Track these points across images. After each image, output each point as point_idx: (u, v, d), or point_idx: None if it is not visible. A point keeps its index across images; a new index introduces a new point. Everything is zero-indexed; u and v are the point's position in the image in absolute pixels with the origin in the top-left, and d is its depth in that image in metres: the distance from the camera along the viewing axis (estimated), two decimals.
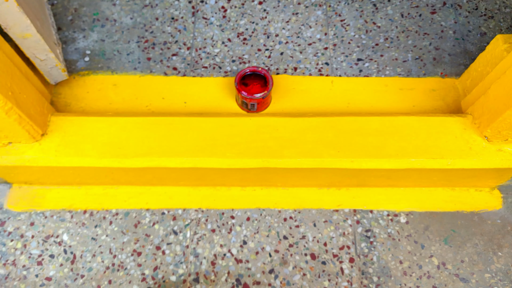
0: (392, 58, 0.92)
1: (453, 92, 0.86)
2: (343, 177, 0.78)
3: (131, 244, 0.78)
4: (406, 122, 0.75)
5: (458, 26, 0.96)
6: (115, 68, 0.89)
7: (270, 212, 0.81)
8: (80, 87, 0.86)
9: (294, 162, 0.72)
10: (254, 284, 0.75)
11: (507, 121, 0.67)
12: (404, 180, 0.79)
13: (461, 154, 0.72)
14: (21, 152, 0.71)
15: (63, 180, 0.79)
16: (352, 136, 0.73)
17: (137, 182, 0.80)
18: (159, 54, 0.90)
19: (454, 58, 0.92)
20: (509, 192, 0.83)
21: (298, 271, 0.76)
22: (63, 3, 0.96)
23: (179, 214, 0.80)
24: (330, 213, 0.81)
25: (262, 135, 0.73)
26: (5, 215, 0.79)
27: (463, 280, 0.76)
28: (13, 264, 0.76)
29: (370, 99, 0.85)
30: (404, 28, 0.95)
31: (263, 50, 0.92)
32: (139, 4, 0.97)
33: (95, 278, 0.75)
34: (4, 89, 0.61)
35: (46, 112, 0.73)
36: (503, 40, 0.72)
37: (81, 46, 0.91)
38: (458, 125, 0.75)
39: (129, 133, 0.73)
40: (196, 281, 0.75)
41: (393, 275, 0.76)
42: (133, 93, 0.85)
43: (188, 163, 0.72)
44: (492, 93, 0.69)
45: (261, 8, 0.97)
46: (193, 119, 0.75)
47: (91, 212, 0.80)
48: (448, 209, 0.82)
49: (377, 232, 0.79)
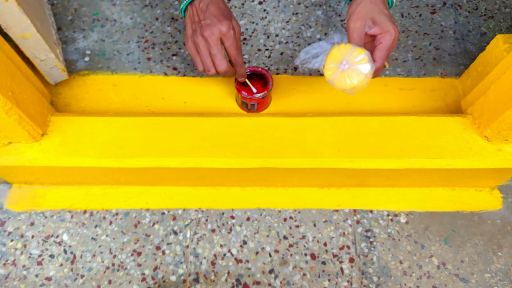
0: (392, 58, 0.92)
1: (453, 92, 0.87)
2: (343, 177, 0.78)
3: (131, 244, 0.78)
4: (406, 122, 0.75)
5: (458, 26, 0.96)
6: (115, 68, 0.89)
7: (270, 212, 0.81)
8: (80, 87, 0.86)
9: (294, 162, 0.72)
10: (254, 284, 0.75)
11: (507, 121, 0.67)
12: (404, 180, 0.79)
13: (461, 154, 0.72)
14: (21, 152, 0.71)
15: (63, 180, 0.79)
16: (352, 136, 0.73)
17: (137, 182, 0.80)
18: (159, 54, 0.90)
19: (454, 58, 0.92)
20: (509, 192, 0.83)
21: (298, 271, 0.76)
22: (63, 3, 0.96)
23: (179, 214, 0.80)
24: (330, 213, 0.81)
25: (262, 135, 0.73)
26: (5, 215, 0.79)
27: (463, 280, 0.76)
28: (13, 264, 0.76)
29: (370, 99, 0.85)
30: (404, 28, 0.95)
31: (263, 50, 0.92)
32: (139, 4, 0.97)
33: (95, 278, 0.75)
34: (4, 89, 0.61)
35: (46, 112, 0.73)
36: (503, 40, 0.72)
37: (81, 46, 0.91)
38: (458, 125, 0.75)
39: (129, 133, 0.73)
40: (196, 281, 0.75)
41: (393, 275, 0.76)
42: (133, 93, 0.85)
43: (188, 163, 0.72)
44: (492, 93, 0.69)
45: (261, 8, 0.97)
46: (193, 119, 0.75)
47: (91, 212, 0.80)
48: (448, 209, 0.82)
49: (377, 232, 0.79)
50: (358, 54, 0.59)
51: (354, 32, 0.61)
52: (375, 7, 0.61)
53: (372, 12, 0.61)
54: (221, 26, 0.63)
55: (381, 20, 0.61)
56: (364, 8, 0.61)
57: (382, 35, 0.61)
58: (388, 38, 0.61)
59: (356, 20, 0.60)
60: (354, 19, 0.61)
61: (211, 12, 0.64)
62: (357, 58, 0.59)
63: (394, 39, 0.61)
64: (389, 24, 0.61)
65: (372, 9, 0.61)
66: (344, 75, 0.59)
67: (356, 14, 0.61)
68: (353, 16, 0.61)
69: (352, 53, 0.59)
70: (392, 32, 0.61)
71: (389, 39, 0.61)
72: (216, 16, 0.63)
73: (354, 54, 0.59)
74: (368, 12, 0.61)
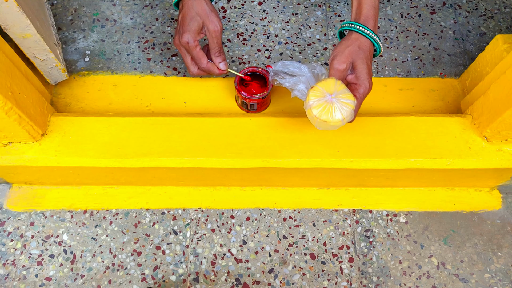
0: (392, 58, 0.92)
1: (453, 92, 0.87)
2: (342, 177, 0.78)
3: (131, 244, 0.78)
4: (405, 122, 0.75)
5: (457, 26, 0.96)
6: (115, 68, 0.89)
7: (269, 212, 0.81)
8: (80, 87, 0.86)
9: (293, 162, 0.72)
10: (253, 283, 0.75)
11: (507, 121, 0.67)
12: (403, 180, 0.79)
13: (460, 154, 0.72)
14: (21, 152, 0.71)
15: (63, 180, 0.79)
16: (352, 136, 0.73)
17: (137, 182, 0.80)
18: (159, 55, 0.91)
19: (454, 58, 0.92)
20: (508, 192, 0.83)
21: (297, 271, 0.76)
22: (63, 3, 0.96)
23: (179, 214, 0.80)
24: (330, 213, 0.81)
25: (262, 135, 0.73)
26: (5, 215, 0.79)
27: (463, 280, 0.76)
28: (12, 264, 0.76)
29: (369, 99, 0.85)
30: (404, 29, 0.95)
31: (262, 51, 0.92)
32: (139, 5, 0.97)
33: (95, 278, 0.75)
34: (4, 89, 0.61)
35: (46, 112, 0.74)
36: (503, 40, 0.72)
37: (81, 46, 0.91)
38: (458, 125, 0.75)
39: (129, 133, 0.73)
40: (196, 281, 0.75)
41: (392, 275, 0.76)
42: (133, 93, 0.85)
43: (188, 163, 0.72)
44: (492, 93, 0.69)
45: (261, 8, 0.97)
46: (193, 119, 0.75)
47: (91, 212, 0.80)
48: (448, 209, 0.82)
49: (377, 232, 0.80)
50: (346, 97, 0.60)
51: (337, 74, 0.62)
52: (361, 54, 0.62)
53: (357, 57, 0.62)
54: (182, 38, 0.68)
55: (360, 69, 0.62)
56: (351, 52, 0.62)
57: (356, 86, 0.62)
58: (362, 91, 0.62)
59: (341, 62, 0.61)
60: (340, 61, 0.62)
61: (183, 15, 0.68)
62: (345, 100, 0.60)
63: (366, 93, 0.63)
64: (366, 77, 0.62)
65: (358, 54, 0.62)
66: (332, 106, 0.60)
67: (343, 56, 0.62)
68: (340, 58, 0.62)
69: (343, 93, 0.60)
70: (367, 87, 0.62)
71: (363, 92, 0.62)
72: (183, 22, 0.68)
73: (344, 95, 0.60)
74: (354, 57, 0.62)
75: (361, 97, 0.62)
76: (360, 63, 0.61)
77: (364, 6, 0.63)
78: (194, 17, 0.67)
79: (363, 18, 0.63)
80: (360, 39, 0.62)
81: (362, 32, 0.62)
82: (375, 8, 0.64)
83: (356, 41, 0.62)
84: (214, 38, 0.69)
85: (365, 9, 0.63)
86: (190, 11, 0.67)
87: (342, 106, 0.59)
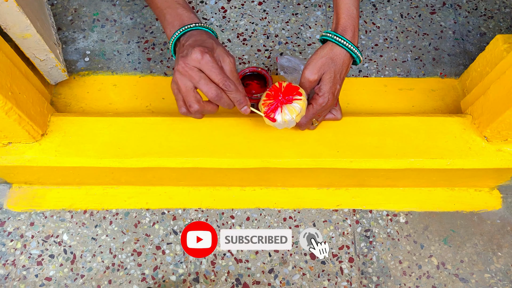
0: (392, 58, 0.92)
1: (453, 92, 0.87)
2: (342, 177, 0.78)
3: (131, 244, 0.78)
4: (405, 122, 0.75)
5: (457, 26, 0.96)
6: (115, 68, 0.89)
7: (269, 212, 0.81)
8: (80, 87, 0.86)
9: (293, 162, 0.72)
10: (253, 283, 0.75)
11: (507, 121, 0.67)
12: (403, 180, 0.79)
13: (460, 154, 0.72)
14: (21, 152, 0.71)
15: (63, 180, 0.79)
16: (352, 136, 0.73)
17: (137, 182, 0.80)
18: (159, 55, 0.91)
19: (454, 58, 0.92)
20: (508, 192, 0.83)
21: (297, 271, 0.76)
22: (63, 3, 0.96)
23: (179, 214, 0.80)
24: (330, 213, 0.81)
25: (262, 135, 0.73)
26: (5, 215, 0.79)
27: (463, 280, 0.76)
28: (12, 264, 0.76)
29: (369, 99, 0.85)
30: (404, 29, 0.96)
31: (262, 51, 0.92)
32: (139, 5, 0.97)
33: (95, 278, 0.75)
34: (4, 89, 0.61)
35: (46, 112, 0.74)
36: (503, 40, 0.72)
37: (81, 46, 0.91)
38: (458, 125, 0.75)
39: (129, 133, 0.73)
40: (196, 281, 0.75)
41: (392, 275, 0.76)
42: (133, 93, 0.85)
43: (188, 163, 0.72)
44: (492, 93, 0.69)
45: (261, 8, 0.97)
46: (193, 119, 0.75)
47: (91, 212, 0.80)
48: (448, 209, 0.82)
49: (377, 232, 0.80)
50: (296, 102, 0.63)
51: (307, 83, 0.64)
52: (332, 67, 0.63)
53: (327, 70, 0.63)
54: (193, 53, 0.55)
55: (325, 83, 0.63)
56: (323, 64, 0.63)
57: (317, 97, 0.64)
58: (320, 101, 0.64)
59: (314, 73, 0.63)
60: (313, 71, 0.63)
61: (189, 44, 0.58)
62: (293, 104, 0.62)
63: (324, 107, 0.64)
64: (327, 91, 0.63)
65: (329, 67, 0.63)
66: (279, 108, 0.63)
67: (316, 68, 0.63)
68: (312, 69, 0.63)
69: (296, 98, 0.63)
70: (326, 99, 0.64)
71: (320, 103, 0.64)
72: (192, 46, 0.57)
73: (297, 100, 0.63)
74: (325, 69, 0.63)
75: (316, 107, 0.64)
76: (327, 78, 0.63)
77: (342, 16, 0.63)
78: (205, 40, 0.59)
79: (340, 28, 0.63)
80: (335, 50, 0.62)
81: (338, 42, 0.62)
82: (354, 18, 0.63)
83: (330, 52, 0.63)
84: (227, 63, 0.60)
85: (343, 19, 0.63)
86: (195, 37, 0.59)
87: (286, 109, 0.62)
